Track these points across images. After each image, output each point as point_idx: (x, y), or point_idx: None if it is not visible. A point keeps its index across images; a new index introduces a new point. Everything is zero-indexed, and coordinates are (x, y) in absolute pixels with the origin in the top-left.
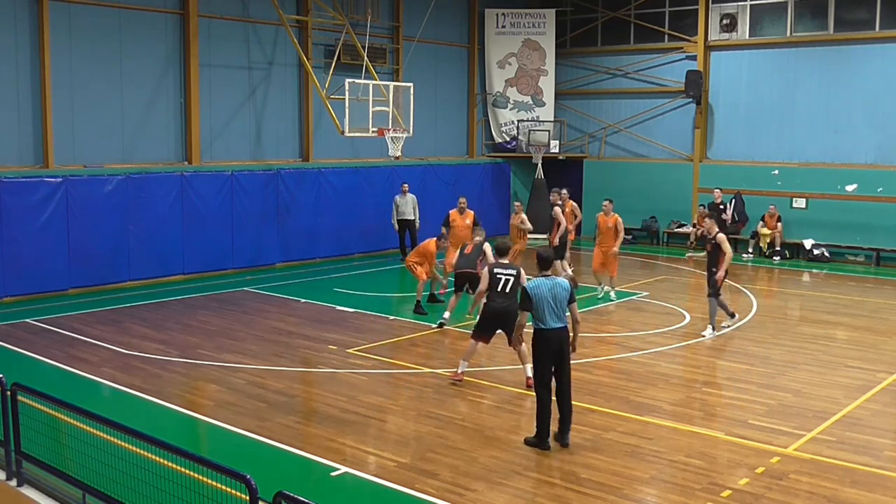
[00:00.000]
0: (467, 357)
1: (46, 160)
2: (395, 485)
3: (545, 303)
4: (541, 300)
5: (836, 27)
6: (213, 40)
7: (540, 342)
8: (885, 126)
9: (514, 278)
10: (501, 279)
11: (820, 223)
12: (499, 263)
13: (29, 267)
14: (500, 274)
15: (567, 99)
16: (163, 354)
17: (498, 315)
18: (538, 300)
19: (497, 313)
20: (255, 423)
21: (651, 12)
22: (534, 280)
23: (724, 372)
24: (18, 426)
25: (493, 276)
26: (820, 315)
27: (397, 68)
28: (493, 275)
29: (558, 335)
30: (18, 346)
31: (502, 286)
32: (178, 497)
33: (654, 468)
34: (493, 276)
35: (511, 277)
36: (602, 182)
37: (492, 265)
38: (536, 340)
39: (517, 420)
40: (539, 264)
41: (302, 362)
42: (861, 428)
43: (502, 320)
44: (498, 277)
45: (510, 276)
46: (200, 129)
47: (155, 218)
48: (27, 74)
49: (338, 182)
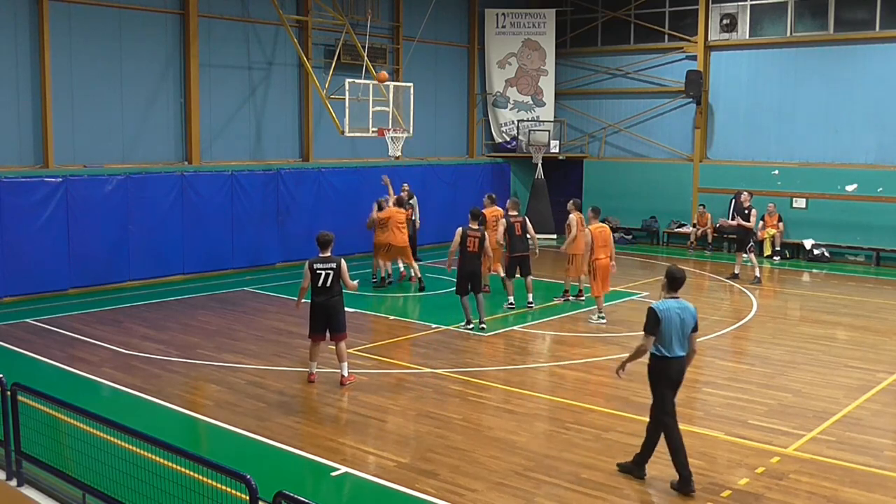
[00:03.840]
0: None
1: (46, 160)
2: (395, 485)
3: (673, 328)
4: (669, 324)
5: (837, 27)
6: (213, 40)
7: (660, 371)
8: (885, 126)
9: (479, 238)
10: (322, 274)
11: (820, 223)
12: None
13: (29, 267)
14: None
15: (567, 99)
16: (163, 354)
17: (471, 273)
18: (667, 324)
19: (469, 272)
20: (255, 423)
21: (651, 12)
22: (663, 301)
23: (724, 372)
24: (18, 426)
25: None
26: (820, 315)
27: (397, 68)
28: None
29: (680, 365)
30: (18, 346)
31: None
32: (178, 497)
33: (654, 468)
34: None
35: (477, 237)
36: (602, 182)
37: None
38: (656, 369)
39: (517, 420)
40: (669, 284)
41: (302, 362)
42: (861, 428)
43: (475, 278)
44: (318, 273)
45: (475, 235)
46: (200, 129)
47: (155, 218)
48: (27, 74)
49: (338, 182)
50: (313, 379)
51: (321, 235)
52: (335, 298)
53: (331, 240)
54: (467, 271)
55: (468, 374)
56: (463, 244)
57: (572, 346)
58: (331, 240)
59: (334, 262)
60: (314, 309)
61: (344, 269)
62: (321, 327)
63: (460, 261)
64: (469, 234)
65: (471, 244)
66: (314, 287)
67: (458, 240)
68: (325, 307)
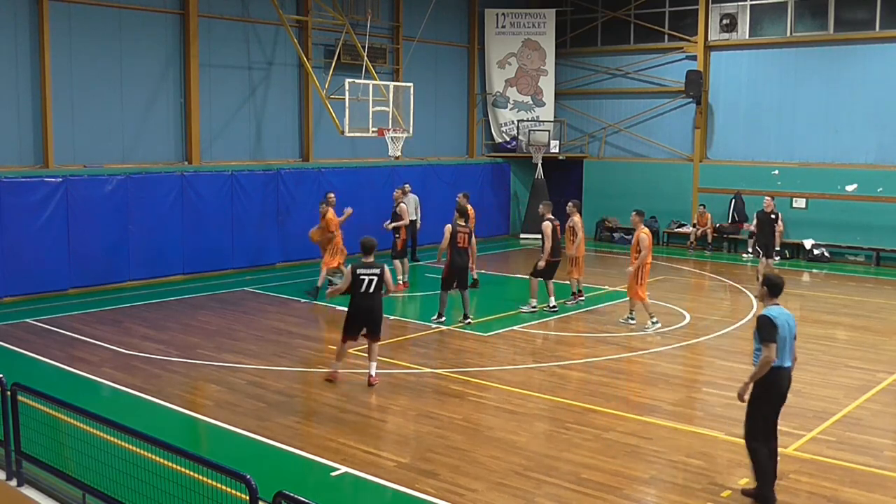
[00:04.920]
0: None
1: (46, 160)
2: (395, 485)
3: (787, 336)
4: (783, 332)
5: (837, 27)
6: (213, 40)
7: (772, 384)
8: (885, 126)
9: (468, 234)
10: (365, 280)
11: (820, 223)
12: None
13: (29, 267)
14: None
15: (567, 99)
16: (163, 354)
17: (461, 269)
18: (780, 331)
19: (459, 267)
20: (255, 423)
21: (651, 12)
22: (773, 308)
23: (724, 372)
24: (18, 426)
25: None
26: (820, 315)
27: (397, 68)
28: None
29: (790, 377)
30: (18, 346)
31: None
32: (178, 497)
33: (654, 468)
34: (454, 233)
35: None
36: (602, 182)
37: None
38: (768, 382)
39: (517, 420)
40: (770, 291)
41: (302, 362)
42: (861, 428)
43: (463, 273)
44: (361, 278)
45: (465, 231)
46: (200, 129)
47: (155, 218)
48: (27, 74)
49: (338, 182)
50: (335, 378)
51: (366, 240)
52: (376, 304)
53: (374, 245)
54: (458, 266)
55: (468, 374)
56: (453, 240)
57: (572, 346)
58: (374, 245)
59: (378, 269)
60: (354, 312)
61: (387, 274)
62: (357, 330)
63: (451, 256)
64: (459, 230)
65: (461, 240)
66: (356, 291)
67: (449, 237)
68: (366, 311)
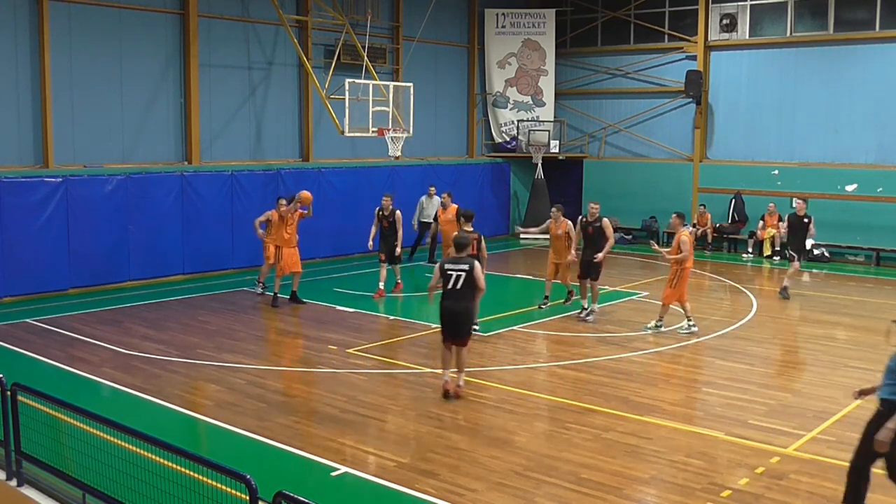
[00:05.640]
0: None
1: (46, 160)
2: (395, 485)
3: None
4: None
5: (837, 27)
6: (213, 40)
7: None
8: (885, 126)
9: (477, 240)
10: (452, 276)
11: (820, 223)
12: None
13: (29, 267)
14: (451, 270)
15: (567, 99)
16: (163, 354)
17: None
18: None
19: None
20: (255, 423)
21: (651, 12)
22: None
23: (724, 372)
24: (18, 426)
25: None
26: (820, 315)
27: (397, 68)
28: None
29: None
30: (18, 346)
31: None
32: (178, 497)
33: (654, 468)
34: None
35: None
36: (602, 182)
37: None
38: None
39: (517, 420)
40: None
41: (302, 362)
42: (861, 428)
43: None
44: (449, 274)
45: (474, 237)
46: (200, 129)
47: (155, 218)
48: (27, 74)
49: (338, 182)
50: (449, 389)
51: (458, 237)
52: (463, 303)
53: (467, 244)
54: None
55: (468, 374)
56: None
57: (572, 346)
58: (467, 244)
59: (467, 264)
60: (440, 313)
61: (478, 270)
62: (445, 334)
63: None
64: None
65: (472, 247)
66: (445, 289)
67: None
68: (450, 312)
